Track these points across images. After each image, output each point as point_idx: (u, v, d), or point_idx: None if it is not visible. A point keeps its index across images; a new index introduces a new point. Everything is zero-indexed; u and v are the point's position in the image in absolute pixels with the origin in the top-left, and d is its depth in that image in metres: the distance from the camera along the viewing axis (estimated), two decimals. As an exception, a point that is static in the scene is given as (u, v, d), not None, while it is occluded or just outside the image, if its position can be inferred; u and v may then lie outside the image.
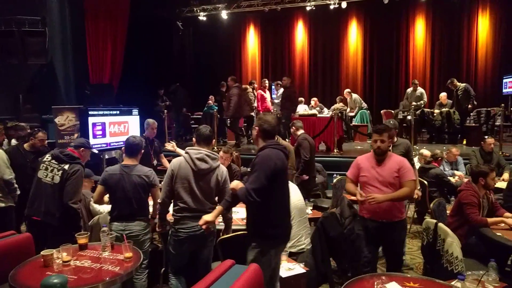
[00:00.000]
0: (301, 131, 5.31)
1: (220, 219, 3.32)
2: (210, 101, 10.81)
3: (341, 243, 3.39)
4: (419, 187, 4.41)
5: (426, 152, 5.94)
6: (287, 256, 3.15)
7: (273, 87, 10.72)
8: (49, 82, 8.66)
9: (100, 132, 6.03)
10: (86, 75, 9.35)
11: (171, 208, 3.14)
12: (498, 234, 3.19)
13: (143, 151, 3.46)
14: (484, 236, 3.27)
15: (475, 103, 9.23)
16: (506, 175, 5.39)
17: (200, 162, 3.00)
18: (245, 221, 3.74)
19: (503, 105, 7.96)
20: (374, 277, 2.04)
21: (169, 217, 3.28)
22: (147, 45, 10.91)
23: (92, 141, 5.61)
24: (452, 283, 1.96)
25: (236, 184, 2.67)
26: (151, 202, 3.37)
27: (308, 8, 12.20)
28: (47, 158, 3.47)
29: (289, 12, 13.16)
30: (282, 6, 12.16)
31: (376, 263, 3.35)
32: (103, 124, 6.08)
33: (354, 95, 11.02)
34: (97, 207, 3.84)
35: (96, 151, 5.54)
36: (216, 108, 10.07)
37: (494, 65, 12.14)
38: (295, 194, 3.62)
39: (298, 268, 3.01)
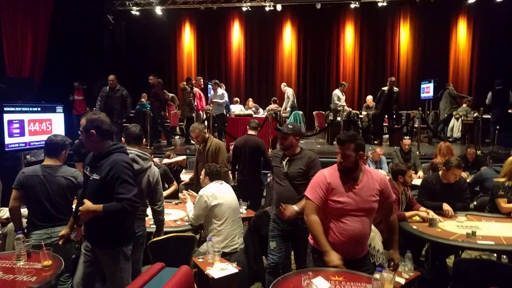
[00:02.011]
0: (250, 132, 5.17)
1: (151, 221, 3.23)
2: (143, 99, 10.44)
3: (273, 241, 3.46)
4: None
5: (378, 149, 6.45)
6: (220, 256, 3.15)
7: (209, 86, 10.63)
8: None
9: (18, 131, 5.54)
10: (3, 68, 8.54)
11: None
12: (414, 227, 3.47)
13: (67, 151, 3.24)
14: (402, 229, 3.53)
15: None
16: (420, 173, 5.90)
17: (133, 163, 2.88)
18: (177, 222, 3.68)
19: (420, 108, 8.69)
20: (301, 273, 2.11)
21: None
22: (75, 39, 10.22)
23: (7, 140, 5.14)
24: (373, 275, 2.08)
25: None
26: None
27: (244, 9, 12.32)
28: None
29: (225, 11, 13.18)
30: (218, 5, 12.13)
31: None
32: (21, 122, 5.59)
33: (288, 89, 11.18)
34: None
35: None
36: (150, 106, 9.75)
37: (413, 72, 13.26)
38: (229, 194, 3.63)
39: (231, 268, 3.01)
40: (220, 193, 3.54)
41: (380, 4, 11.64)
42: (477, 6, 12.13)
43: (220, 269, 2.96)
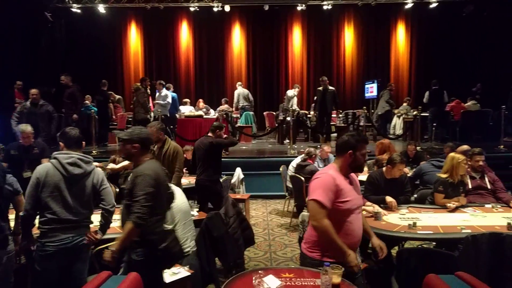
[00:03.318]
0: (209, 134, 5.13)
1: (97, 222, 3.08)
2: (87, 101, 9.96)
3: (225, 242, 3.45)
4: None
5: (326, 147, 6.58)
6: (172, 261, 3.08)
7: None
8: None
9: None
10: None
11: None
12: (360, 221, 3.61)
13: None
14: (350, 224, 3.67)
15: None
16: (365, 169, 6.18)
17: (73, 167, 2.74)
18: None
19: (365, 107, 9.09)
20: (252, 272, 2.12)
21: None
22: (8, 37, 9.52)
23: None
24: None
25: None
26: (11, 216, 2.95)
27: (192, 9, 12.18)
28: None
29: (172, 11, 12.94)
30: (165, 4, 11.88)
31: None
32: None
33: (238, 89, 11.18)
34: None
35: None
36: (95, 109, 9.33)
37: (358, 72, 13.86)
38: (179, 197, 3.56)
39: (183, 272, 2.96)
40: None
41: (325, 7, 12.03)
42: (413, 11, 12.92)
43: (171, 273, 2.90)
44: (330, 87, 9.64)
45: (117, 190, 4.74)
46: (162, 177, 2.69)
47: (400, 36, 13.79)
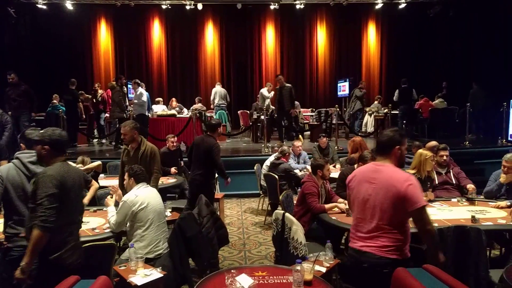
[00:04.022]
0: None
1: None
2: (54, 101, 9.66)
3: (199, 242, 3.41)
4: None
5: (296, 143, 6.67)
6: (144, 263, 3.03)
7: (129, 86, 10.17)
8: None
9: None
10: None
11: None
12: (333, 218, 3.67)
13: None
14: (322, 220, 3.72)
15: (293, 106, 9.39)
16: (338, 166, 6.28)
17: (35, 166, 2.65)
18: (96, 231, 3.46)
19: (337, 106, 9.23)
20: (225, 272, 2.11)
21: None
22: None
23: None
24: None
25: None
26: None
27: (164, 7, 11.99)
28: None
29: (144, 8, 12.72)
30: (136, 2, 11.67)
31: None
32: None
33: (221, 89, 11.10)
34: None
35: None
36: (63, 108, 9.05)
37: (331, 71, 14.07)
38: (154, 198, 3.51)
39: (155, 273, 2.91)
40: (145, 196, 3.41)
41: (298, 6, 12.12)
42: (383, 11, 13.22)
43: (143, 276, 2.85)
44: (287, 84, 9.24)
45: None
46: (72, 181, 2.48)
47: (371, 36, 14.09)
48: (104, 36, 13.30)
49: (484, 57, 10.77)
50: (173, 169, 5.99)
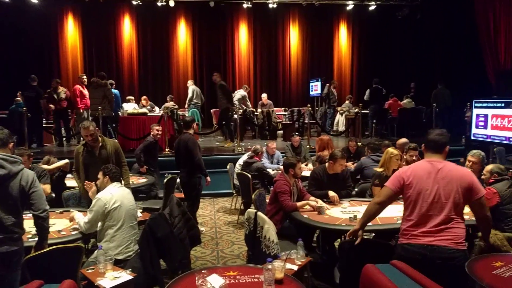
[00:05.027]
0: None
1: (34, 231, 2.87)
2: (18, 98, 9.26)
3: (170, 243, 3.36)
4: None
5: (270, 143, 6.68)
6: (113, 265, 2.95)
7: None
8: None
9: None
10: None
11: None
12: (305, 216, 3.70)
13: None
14: (294, 219, 3.74)
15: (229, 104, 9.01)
16: (310, 165, 6.35)
17: None
18: (63, 233, 3.35)
19: (309, 105, 9.33)
20: (196, 272, 2.08)
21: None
22: None
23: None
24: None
25: None
26: None
27: (134, 3, 11.74)
28: None
29: (113, 4, 12.42)
30: (105, -3, 11.36)
31: None
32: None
33: (191, 87, 10.91)
34: None
35: None
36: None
37: (303, 71, 14.21)
38: (127, 198, 3.44)
39: (124, 276, 2.84)
40: (119, 196, 3.34)
41: (270, 6, 12.17)
42: (354, 12, 13.49)
43: (112, 278, 2.78)
44: (221, 82, 8.88)
45: (53, 195, 4.45)
46: None
47: (343, 36, 14.33)
48: (71, 31, 12.83)
49: (450, 58, 11.19)
50: (143, 168, 5.89)
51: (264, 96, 11.20)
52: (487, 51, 10.00)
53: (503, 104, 5.94)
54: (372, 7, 12.55)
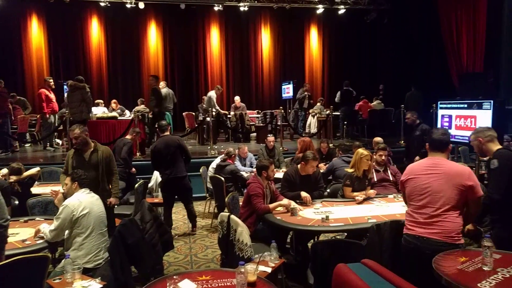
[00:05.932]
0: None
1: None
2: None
3: (141, 249, 3.29)
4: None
5: (243, 146, 6.74)
6: (81, 274, 2.85)
7: (65, 87, 9.58)
8: None
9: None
10: None
11: None
12: (278, 218, 3.71)
13: None
14: (267, 221, 3.75)
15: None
16: (284, 168, 6.38)
17: None
18: (27, 242, 3.21)
19: (281, 108, 9.40)
20: (167, 278, 2.05)
21: None
22: None
23: None
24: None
25: None
26: None
27: (102, 4, 11.47)
28: None
29: (80, 5, 12.07)
30: (70, -3, 11.04)
31: None
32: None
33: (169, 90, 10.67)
34: None
35: None
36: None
37: (275, 74, 14.31)
38: (97, 204, 3.34)
39: (94, 284, 2.76)
40: (88, 202, 3.24)
41: (242, 9, 12.19)
42: (324, 16, 13.72)
43: (81, 287, 2.68)
44: (156, 87, 8.59)
45: (16, 202, 4.28)
46: None
47: (313, 39, 14.54)
48: (36, 33, 12.36)
49: (416, 61, 11.56)
50: (133, 170, 6.04)
51: (237, 99, 11.18)
52: (450, 54, 10.42)
53: (466, 105, 6.18)
54: (341, 11, 12.81)
